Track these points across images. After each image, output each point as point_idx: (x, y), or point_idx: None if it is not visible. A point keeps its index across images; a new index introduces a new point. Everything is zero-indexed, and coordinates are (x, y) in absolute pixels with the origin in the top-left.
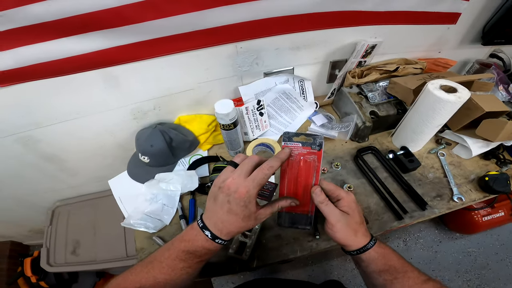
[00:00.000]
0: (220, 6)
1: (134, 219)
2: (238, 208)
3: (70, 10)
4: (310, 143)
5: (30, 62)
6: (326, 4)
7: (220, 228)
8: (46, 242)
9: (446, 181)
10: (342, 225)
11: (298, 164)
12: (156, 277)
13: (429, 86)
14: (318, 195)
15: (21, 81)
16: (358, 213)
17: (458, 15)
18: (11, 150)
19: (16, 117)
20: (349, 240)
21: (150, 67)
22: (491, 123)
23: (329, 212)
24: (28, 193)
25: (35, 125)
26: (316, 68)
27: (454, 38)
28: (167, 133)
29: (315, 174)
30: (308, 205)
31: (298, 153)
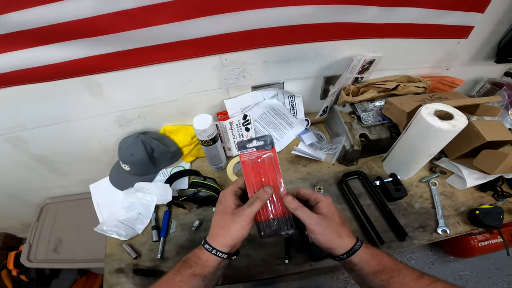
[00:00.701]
0: (201, 17)
1: (108, 225)
2: (216, 208)
3: (48, 19)
4: (263, 145)
5: (12, 68)
6: (317, 16)
7: (211, 235)
8: (30, 238)
9: (433, 212)
10: (322, 228)
11: (258, 167)
12: None
13: (422, 110)
14: (290, 203)
15: (6, 85)
16: (338, 214)
17: (471, 28)
18: (1, 149)
19: (4, 118)
20: (334, 242)
21: (133, 76)
22: (490, 154)
23: (306, 217)
24: (19, 190)
25: (21, 127)
26: (308, 83)
27: (465, 53)
28: (148, 143)
29: (276, 169)
30: (282, 206)
31: (255, 157)
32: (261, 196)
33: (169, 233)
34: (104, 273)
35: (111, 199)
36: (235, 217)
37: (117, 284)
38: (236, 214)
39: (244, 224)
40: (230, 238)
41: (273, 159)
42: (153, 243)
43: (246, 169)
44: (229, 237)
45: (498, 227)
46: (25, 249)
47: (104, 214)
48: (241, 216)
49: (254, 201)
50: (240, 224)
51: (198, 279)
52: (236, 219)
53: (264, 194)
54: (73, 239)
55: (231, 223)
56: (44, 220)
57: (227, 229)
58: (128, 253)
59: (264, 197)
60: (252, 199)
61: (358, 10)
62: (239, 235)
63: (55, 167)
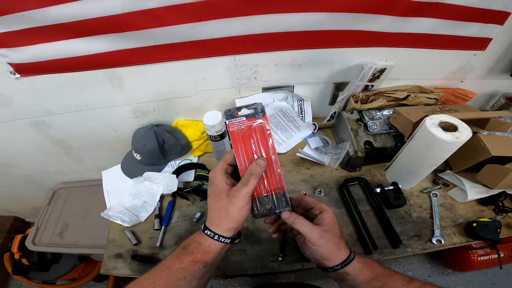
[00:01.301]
0: (217, 19)
1: (114, 211)
2: (209, 190)
3: (81, 14)
4: (253, 114)
5: (45, 57)
6: (331, 23)
7: (210, 220)
8: (38, 221)
9: (430, 222)
10: (324, 240)
11: (249, 136)
12: (155, 283)
13: (427, 121)
14: (287, 217)
15: (38, 73)
16: (338, 225)
17: (489, 40)
18: (26, 132)
19: (32, 103)
20: (334, 254)
21: (151, 71)
22: (494, 169)
23: (308, 230)
24: (36, 172)
25: (47, 112)
26: (318, 88)
27: (481, 66)
28: (160, 135)
29: (268, 137)
30: (276, 181)
31: (245, 127)
32: (255, 171)
33: (171, 222)
34: (104, 257)
35: (121, 186)
36: (231, 199)
37: (114, 268)
38: (231, 196)
39: (242, 205)
40: (231, 222)
41: (264, 128)
42: (154, 231)
43: (236, 140)
44: (229, 221)
45: (493, 240)
46: (32, 232)
47: (112, 201)
48: (238, 197)
49: (248, 179)
50: (238, 206)
51: (199, 266)
52: (233, 201)
53: (257, 168)
54: (79, 224)
55: (228, 206)
56: (55, 204)
57: (225, 213)
58: (129, 239)
59: (258, 171)
60: (246, 176)
61: (372, 18)
62: (240, 217)
63: (73, 152)
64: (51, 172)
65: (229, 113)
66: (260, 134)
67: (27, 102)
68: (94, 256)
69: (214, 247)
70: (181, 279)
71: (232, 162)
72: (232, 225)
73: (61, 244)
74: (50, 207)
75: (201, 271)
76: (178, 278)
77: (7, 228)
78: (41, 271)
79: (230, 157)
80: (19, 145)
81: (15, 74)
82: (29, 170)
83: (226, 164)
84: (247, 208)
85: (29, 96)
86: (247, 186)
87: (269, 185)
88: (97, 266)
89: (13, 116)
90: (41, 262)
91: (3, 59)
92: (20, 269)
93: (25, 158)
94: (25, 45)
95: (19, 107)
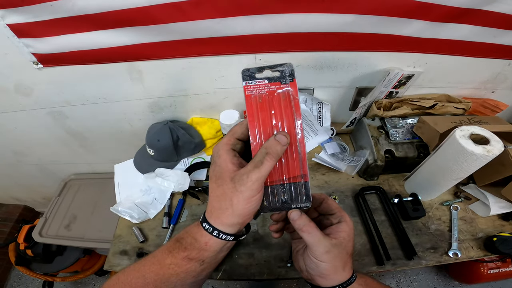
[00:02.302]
0: (241, 16)
1: (123, 206)
2: (210, 171)
3: (108, 6)
4: (279, 77)
5: (69, 48)
6: (358, 25)
7: (210, 211)
8: (47, 212)
9: (448, 235)
10: (331, 257)
11: (270, 105)
12: (145, 276)
13: (456, 132)
14: (296, 219)
15: (61, 64)
16: (353, 242)
17: None
18: (43, 121)
19: (52, 93)
20: (335, 273)
21: (171, 66)
22: None
23: (315, 242)
24: (50, 162)
25: (66, 102)
26: (339, 92)
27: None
28: (175, 131)
29: (296, 111)
30: (298, 166)
31: (266, 92)
32: (272, 150)
33: (179, 221)
34: (109, 253)
35: (132, 181)
36: (236, 185)
37: (118, 265)
38: (237, 181)
39: (252, 194)
40: (234, 215)
41: (292, 96)
42: (162, 230)
43: (252, 108)
44: (232, 214)
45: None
46: (40, 223)
47: (122, 195)
48: (246, 183)
49: (263, 159)
50: (245, 195)
51: (194, 263)
52: (239, 188)
53: (276, 146)
54: (87, 217)
55: (233, 194)
56: (65, 196)
57: (229, 203)
58: (136, 236)
59: (277, 151)
60: (260, 155)
61: (403, 23)
62: (246, 210)
63: (87, 144)
64: (63, 163)
65: (247, 73)
66: (285, 104)
67: (47, 92)
68: (98, 250)
69: (212, 245)
70: (173, 276)
71: (242, 136)
72: (236, 220)
73: (67, 237)
74: (61, 198)
75: (197, 269)
76: (169, 274)
77: (16, 217)
78: (44, 262)
79: (240, 130)
80: (34, 134)
81: (38, 64)
82: (42, 160)
83: (234, 138)
84: (258, 198)
85: (49, 87)
86: (260, 169)
87: (288, 170)
88: (100, 260)
89: (33, 105)
90: (45, 254)
91: (27, 49)
92: (24, 260)
93: (39, 147)
94: (51, 36)
95: (39, 97)
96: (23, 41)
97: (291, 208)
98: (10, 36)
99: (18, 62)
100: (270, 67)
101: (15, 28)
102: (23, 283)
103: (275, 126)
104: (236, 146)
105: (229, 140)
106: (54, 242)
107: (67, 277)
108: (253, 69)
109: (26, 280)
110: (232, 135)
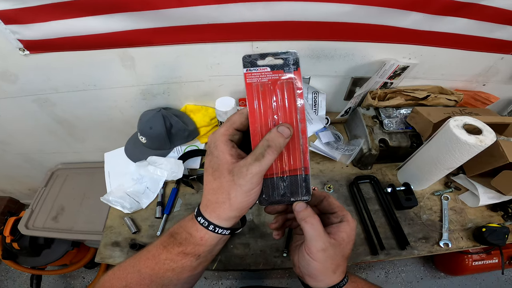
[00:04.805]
0: (241, 2)
1: (114, 196)
2: (206, 162)
3: None
4: (282, 65)
5: (58, 35)
6: (356, 15)
7: (205, 204)
8: (33, 203)
9: (439, 225)
10: (325, 256)
11: (271, 93)
12: (140, 271)
13: (450, 122)
14: (300, 210)
15: (49, 51)
16: (352, 244)
17: None
18: (28, 109)
19: (38, 81)
20: (325, 275)
21: (165, 53)
22: (509, 175)
23: (314, 236)
24: (35, 151)
25: (54, 89)
26: (335, 81)
27: (506, 70)
28: (168, 119)
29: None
30: (299, 159)
31: (268, 80)
32: (274, 142)
33: (173, 211)
34: (100, 245)
35: (123, 169)
36: (235, 178)
37: (110, 257)
38: (236, 173)
39: (250, 188)
40: (231, 209)
41: (294, 85)
42: (155, 220)
43: (252, 96)
44: (230, 208)
45: (500, 246)
46: (26, 215)
47: (113, 184)
48: (245, 176)
49: (263, 152)
50: (243, 188)
51: (190, 258)
52: (238, 182)
53: (278, 139)
54: (76, 208)
55: (230, 188)
56: (52, 186)
57: (226, 196)
58: (128, 226)
59: (279, 144)
60: (261, 147)
61: (401, 14)
62: (244, 204)
63: (75, 132)
64: (50, 152)
65: (249, 59)
66: (288, 93)
67: (33, 79)
68: (87, 242)
69: (207, 239)
70: (169, 271)
71: (241, 127)
72: (233, 214)
73: (55, 229)
74: (47, 188)
75: (193, 263)
76: (165, 269)
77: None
78: (31, 256)
79: (239, 119)
80: (19, 122)
81: (24, 51)
82: (27, 149)
83: (232, 128)
84: (256, 192)
85: (36, 73)
86: (261, 163)
87: (288, 162)
88: (89, 252)
89: (18, 92)
90: (32, 247)
91: (13, 36)
92: (10, 253)
93: (24, 136)
94: (39, 22)
95: (25, 84)
96: (10, 27)
97: (290, 202)
98: None
99: (3, 49)
100: (273, 54)
101: (2, 14)
102: (10, 277)
103: (277, 117)
104: (234, 137)
105: (227, 130)
106: (41, 235)
107: (56, 271)
108: (255, 55)
109: (13, 274)
110: (231, 125)
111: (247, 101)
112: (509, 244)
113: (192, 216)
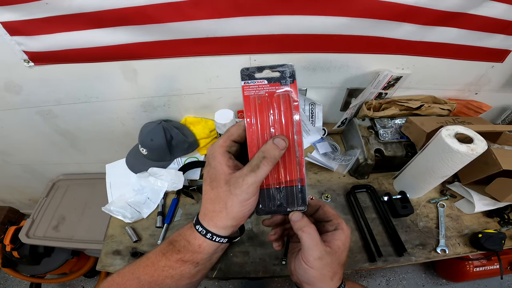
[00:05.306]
0: (239, 16)
1: (115, 206)
2: (204, 173)
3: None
4: (279, 78)
5: (63, 47)
6: (351, 28)
7: (203, 213)
8: (34, 213)
9: (436, 231)
10: (322, 264)
11: (269, 106)
12: (139, 278)
13: (442, 131)
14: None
15: (53, 63)
16: (347, 251)
17: (508, 52)
18: (31, 120)
19: (42, 92)
20: (323, 282)
21: (166, 65)
22: (503, 182)
23: (311, 244)
24: (36, 162)
25: (57, 101)
26: (331, 93)
27: (497, 78)
28: (169, 131)
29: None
30: (295, 170)
31: (265, 93)
32: (270, 154)
33: (173, 220)
34: (101, 253)
35: (124, 180)
36: (231, 188)
37: (111, 265)
38: (233, 184)
39: (246, 198)
40: (228, 218)
41: (291, 98)
42: (156, 229)
43: (250, 108)
44: (227, 217)
45: (497, 251)
46: (27, 224)
47: (114, 195)
48: (241, 186)
49: (259, 163)
50: (239, 198)
51: (188, 266)
52: (234, 192)
53: (274, 151)
54: (77, 218)
55: (227, 197)
56: (53, 196)
57: (223, 205)
58: (129, 235)
59: (274, 155)
60: (257, 159)
61: (394, 26)
62: (241, 214)
63: (77, 143)
64: (52, 163)
65: (246, 72)
66: (285, 106)
67: (37, 90)
68: (87, 251)
69: (205, 247)
70: (168, 278)
71: (238, 138)
72: (230, 222)
73: (56, 238)
74: (48, 199)
75: (192, 271)
76: (164, 276)
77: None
78: (31, 264)
79: (237, 131)
80: (22, 133)
81: (29, 63)
82: (29, 160)
83: (230, 140)
84: (252, 202)
85: (39, 85)
86: (256, 174)
87: (284, 174)
88: (89, 261)
89: (21, 103)
90: (32, 255)
91: (18, 47)
92: (10, 261)
93: (26, 147)
94: (45, 34)
95: (29, 95)
96: (15, 38)
97: (287, 212)
98: (2, 34)
99: (8, 60)
100: (270, 67)
101: (8, 26)
102: (10, 285)
103: (273, 129)
104: (232, 148)
105: (224, 142)
106: (42, 243)
107: (55, 279)
108: (253, 68)
109: (12, 282)
110: (228, 137)
111: (244, 114)
112: (509, 250)
113: (191, 224)
